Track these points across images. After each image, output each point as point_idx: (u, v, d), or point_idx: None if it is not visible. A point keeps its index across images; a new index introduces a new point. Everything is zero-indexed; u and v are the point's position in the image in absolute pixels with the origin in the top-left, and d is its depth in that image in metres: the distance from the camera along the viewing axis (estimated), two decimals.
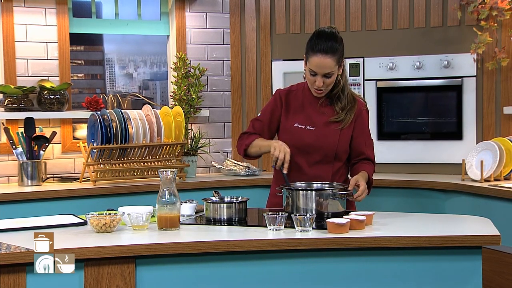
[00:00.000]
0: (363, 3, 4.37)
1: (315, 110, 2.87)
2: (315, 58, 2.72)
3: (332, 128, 2.85)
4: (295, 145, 2.82)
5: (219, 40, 4.58)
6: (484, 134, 4.14)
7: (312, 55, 2.73)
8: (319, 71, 2.73)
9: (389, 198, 4.00)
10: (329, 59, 2.71)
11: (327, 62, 2.71)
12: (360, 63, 4.35)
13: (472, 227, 2.54)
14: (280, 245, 2.27)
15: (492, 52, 4.03)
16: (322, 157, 2.84)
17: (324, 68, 2.72)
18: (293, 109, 2.90)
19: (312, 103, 2.88)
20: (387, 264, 2.34)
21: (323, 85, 2.76)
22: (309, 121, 2.86)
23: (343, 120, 2.84)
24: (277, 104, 2.92)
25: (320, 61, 2.71)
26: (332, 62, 2.72)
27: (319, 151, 2.84)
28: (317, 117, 2.86)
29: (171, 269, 2.26)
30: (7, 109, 3.96)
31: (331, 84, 2.79)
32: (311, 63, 2.74)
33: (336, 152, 2.84)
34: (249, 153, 2.92)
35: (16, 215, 2.97)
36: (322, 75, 2.74)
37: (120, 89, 5.06)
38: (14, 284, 2.11)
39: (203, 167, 4.50)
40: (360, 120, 2.88)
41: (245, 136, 2.94)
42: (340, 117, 2.84)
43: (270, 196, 3.02)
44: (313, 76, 2.76)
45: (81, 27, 4.32)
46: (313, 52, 2.73)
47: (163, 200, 2.42)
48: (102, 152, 3.83)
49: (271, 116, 2.92)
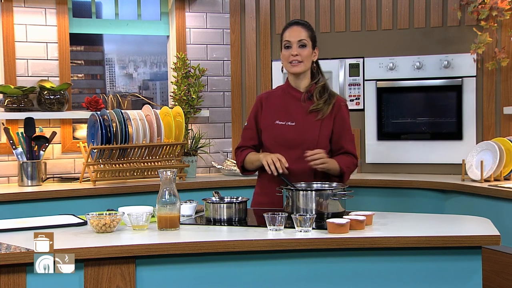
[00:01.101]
0: (363, 3, 4.37)
1: (296, 106, 2.95)
2: (288, 30, 2.93)
3: (311, 120, 2.91)
4: (276, 141, 2.92)
5: (219, 40, 4.58)
6: (484, 134, 4.14)
7: (285, 32, 2.94)
8: (293, 39, 2.89)
9: (389, 198, 4.00)
10: (301, 28, 2.92)
11: (300, 30, 2.91)
12: (360, 63, 4.35)
13: (472, 227, 2.54)
14: (280, 245, 2.27)
15: (492, 52, 4.03)
16: (304, 152, 2.85)
17: (298, 35, 2.90)
18: (274, 108, 2.98)
19: (293, 100, 2.96)
20: (387, 264, 2.34)
21: (298, 55, 2.88)
22: (290, 117, 2.94)
23: (321, 110, 2.91)
24: (258, 108, 3.03)
25: (293, 30, 2.92)
26: (304, 32, 2.91)
27: (300, 146, 2.87)
28: (297, 113, 2.94)
29: (171, 269, 2.26)
30: (7, 109, 3.96)
31: (306, 58, 2.90)
32: (285, 36, 2.92)
33: (317, 146, 2.87)
34: (247, 169, 3.04)
35: (16, 215, 2.98)
36: (297, 44, 2.89)
37: (120, 89, 5.06)
38: (14, 284, 2.11)
39: (203, 167, 4.51)
40: (340, 115, 2.95)
41: (239, 153, 3.05)
42: (319, 105, 2.91)
43: (254, 195, 3.06)
44: (288, 48, 2.91)
45: (81, 27, 4.32)
46: (286, 28, 2.95)
47: (163, 200, 2.42)
48: (102, 152, 3.83)
49: (256, 121, 3.02)
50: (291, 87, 2.99)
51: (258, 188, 3.06)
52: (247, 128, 3.05)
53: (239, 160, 3.02)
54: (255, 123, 3.02)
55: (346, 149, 2.95)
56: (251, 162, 2.97)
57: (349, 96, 4.36)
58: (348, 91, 4.37)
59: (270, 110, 2.98)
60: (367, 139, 4.36)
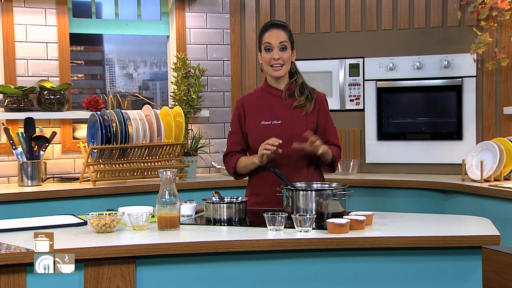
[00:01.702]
0: (363, 3, 4.37)
1: (279, 104, 2.96)
2: (268, 33, 2.93)
3: (297, 116, 2.92)
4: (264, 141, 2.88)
5: (219, 40, 4.58)
6: (484, 134, 4.14)
7: (264, 33, 2.94)
8: (274, 41, 2.90)
9: (389, 198, 4.00)
10: (281, 30, 2.92)
11: (280, 33, 2.92)
12: (360, 63, 4.35)
13: (472, 227, 2.54)
14: (280, 245, 2.27)
15: (492, 52, 4.03)
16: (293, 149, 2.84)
17: (278, 37, 2.90)
18: (257, 109, 2.99)
19: (275, 98, 2.97)
20: (387, 264, 2.34)
21: (280, 58, 2.89)
22: (274, 116, 2.95)
23: (304, 106, 2.93)
24: (240, 112, 3.02)
25: (273, 33, 2.92)
26: (284, 34, 2.92)
27: (288, 143, 2.84)
28: (281, 110, 2.95)
29: (171, 269, 2.26)
30: (7, 109, 3.96)
31: (287, 61, 2.92)
32: (265, 39, 2.92)
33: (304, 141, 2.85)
34: (240, 174, 3.03)
35: (16, 215, 2.98)
36: (278, 47, 2.89)
37: (120, 89, 5.06)
38: (14, 284, 2.11)
39: (203, 167, 4.51)
40: (323, 109, 2.98)
41: (228, 159, 3.04)
42: (301, 101, 2.93)
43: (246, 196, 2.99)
44: (268, 51, 2.92)
45: (81, 27, 4.32)
46: (265, 30, 2.95)
47: (163, 200, 2.42)
48: (102, 152, 3.83)
49: (239, 125, 3.02)
50: (271, 86, 3.00)
51: (250, 190, 3.03)
52: (232, 133, 3.04)
53: (231, 166, 3.01)
54: (239, 127, 3.01)
55: (332, 141, 2.97)
56: (244, 166, 2.96)
57: (349, 96, 4.36)
58: (348, 91, 4.37)
59: (253, 112, 2.98)
60: (367, 139, 4.36)
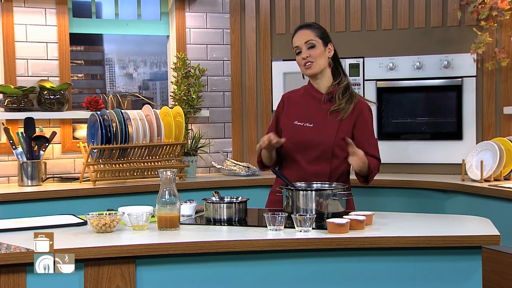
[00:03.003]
0: (363, 3, 4.37)
1: (316, 107, 2.92)
2: (295, 37, 2.93)
3: (331, 121, 2.87)
4: (293, 142, 2.90)
5: (219, 40, 4.58)
6: (484, 134, 4.14)
7: (293, 38, 2.94)
8: (300, 42, 2.90)
9: (389, 198, 4.00)
10: (306, 30, 2.92)
11: (306, 32, 2.91)
12: (360, 63, 4.35)
13: (472, 227, 2.54)
14: (280, 245, 2.27)
15: (492, 52, 4.03)
16: (320, 153, 2.85)
17: (304, 37, 2.89)
18: (295, 108, 2.98)
19: (313, 101, 2.94)
20: (387, 264, 2.34)
21: (309, 56, 2.88)
22: (308, 118, 2.92)
23: (342, 109, 2.86)
24: (281, 108, 3.05)
25: (298, 34, 2.92)
26: (310, 33, 2.90)
27: (317, 148, 2.86)
28: (317, 114, 2.91)
29: (171, 269, 2.26)
30: (7, 109, 3.96)
31: (318, 57, 2.89)
32: (294, 43, 2.93)
33: (333, 147, 2.84)
34: (265, 163, 3.02)
35: (16, 215, 2.98)
36: (306, 46, 2.88)
37: (120, 89, 5.06)
38: (14, 284, 2.11)
39: (203, 167, 4.50)
40: (362, 117, 2.88)
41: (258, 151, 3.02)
42: (340, 105, 2.87)
43: (270, 193, 3.06)
44: (298, 54, 2.92)
45: (81, 27, 4.32)
46: (293, 35, 2.95)
47: (163, 200, 2.42)
48: (102, 152, 3.83)
49: (277, 119, 3.04)
50: (313, 87, 2.96)
51: (274, 186, 3.03)
52: (270, 126, 3.08)
53: (258, 156, 3.03)
54: (276, 122, 3.03)
55: (371, 153, 2.84)
56: (263, 155, 2.96)
57: None
58: None
59: (290, 110, 2.98)
60: None
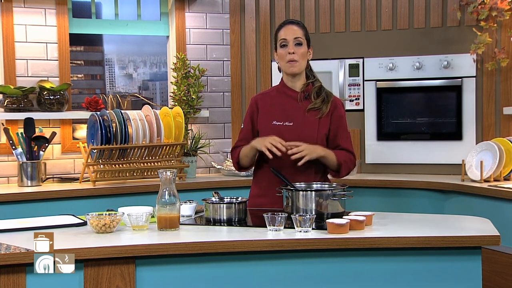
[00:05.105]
0: (363, 3, 4.37)
1: (293, 106, 2.94)
2: (283, 29, 2.94)
3: (310, 119, 2.90)
4: None
5: (219, 40, 4.58)
6: (484, 134, 4.14)
7: (280, 30, 2.95)
8: (289, 36, 2.90)
9: (389, 199, 4.00)
10: (296, 27, 2.93)
11: (295, 28, 2.92)
12: (360, 63, 4.35)
13: (472, 227, 2.54)
14: (280, 246, 2.27)
15: (491, 53, 4.03)
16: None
17: (293, 33, 2.90)
18: (270, 109, 2.98)
19: (289, 100, 2.96)
20: (387, 264, 2.34)
21: (295, 54, 2.88)
22: (287, 117, 2.93)
23: (320, 109, 2.91)
24: (253, 109, 3.02)
25: (288, 28, 2.92)
26: (300, 31, 2.92)
27: None
28: (294, 112, 2.93)
29: (171, 269, 2.26)
30: (7, 110, 3.96)
31: (302, 57, 2.90)
32: (281, 35, 2.93)
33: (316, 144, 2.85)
34: (243, 165, 3.02)
35: (16, 215, 2.97)
36: (293, 42, 2.89)
37: (120, 89, 5.07)
38: (14, 284, 2.11)
39: (203, 168, 4.51)
40: (336, 112, 2.95)
41: (233, 152, 3.05)
42: (316, 104, 2.91)
43: (251, 197, 3.02)
44: (284, 47, 2.91)
45: (81, 27, 4.32)
46: (281, 27, 2.95)
47: (162, 201, 2.42)
48: (102, 153, 3.83)
49: (251, 122, 3.02)
50: (287, 87, 2.98)
51: (256, 190, 3.02)
52: (243, 129, 3.05)
53: (234, 157, 3.02)
54: (251, 124, 3.01)
55: (343, 146, 2.93)
56: (245, 155, 2.95)
57: (348, 96, 4.37)
58: (348, 91, 4.37)
59: (267, 111, 2.98)
60: (366, 140, 4.36)
